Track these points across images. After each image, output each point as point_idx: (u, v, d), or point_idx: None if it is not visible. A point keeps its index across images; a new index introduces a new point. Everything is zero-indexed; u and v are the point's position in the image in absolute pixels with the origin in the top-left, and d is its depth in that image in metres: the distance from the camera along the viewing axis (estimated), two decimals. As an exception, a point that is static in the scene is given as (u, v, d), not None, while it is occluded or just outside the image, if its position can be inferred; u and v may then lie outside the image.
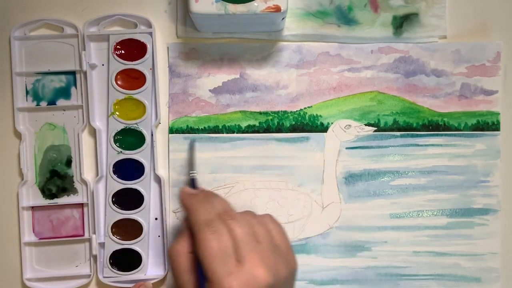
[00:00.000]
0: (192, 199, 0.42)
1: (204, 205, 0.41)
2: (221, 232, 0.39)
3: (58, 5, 0.50)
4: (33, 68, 0.49)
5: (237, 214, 0.41)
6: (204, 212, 0.40)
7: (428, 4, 0.50)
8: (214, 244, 0.38)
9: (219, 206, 0.41)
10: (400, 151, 0.50)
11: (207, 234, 0.38)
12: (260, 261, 0.38)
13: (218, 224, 0.39)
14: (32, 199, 0.50)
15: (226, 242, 0.38)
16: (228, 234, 0.39)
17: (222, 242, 0.38)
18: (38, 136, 0.50)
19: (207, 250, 0.38)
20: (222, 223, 0.39)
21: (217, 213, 0.40)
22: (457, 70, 0.50)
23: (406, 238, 0.50)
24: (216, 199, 0.42)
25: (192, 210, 0.41)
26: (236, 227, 0.39)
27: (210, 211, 0.40)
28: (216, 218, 0.40)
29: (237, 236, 0.39)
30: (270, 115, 0.50)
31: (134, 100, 0.49)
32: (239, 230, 0.39)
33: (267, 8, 0.43)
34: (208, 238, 0.38)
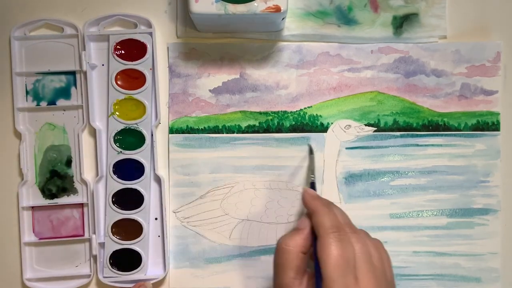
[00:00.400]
0: (317, 201, 0.42)
1: (330, 210, 0.41)
2: (346, 242, 0.39)
3: (58, 5, 0.50)
4: (33, 68, 0.49)
5: (357, 229, 0.41)
6: (332, 217, 0.40)
7: (428, 4, 0.50)
8: (339, 253, 0.38)
9: (341, 217, 0.41)
10: (400, 151, 0.50)
11: (334, 240, 0.38)
12: (375, 285, 0.38)
13: (344, 233, 0.39)
14: (32, 199, 0.50)
15: (349, 254, 0.38)
16: (352, 246, 0.39)
17: (346, 253, 0.38)
18: (38, 136, 0.50)
19: (331, 257, 0.38)
20: (347, 233, 0.40)
21: (341, 222, 0.41)
22: (457, 70, 0.50)
23: (406, 238, 0.50)
24: (337, 209, 0.42)
25: (318, 212, 0.41)
26: (357, 242, 0.39)
27: (336, 218, 0.41)
28: (343, 227, 0.40)
29: (358, 251, 0.39)
30: (270, 115, 0.50)
31: (134, 100, 0.49)
32: (360, 246, 0.39)
33: (267, 8, 0.43)
34: (334, 244, 0.38)
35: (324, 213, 0.41)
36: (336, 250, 0.38)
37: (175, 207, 0.50)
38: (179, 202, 0.50)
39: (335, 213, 0.41)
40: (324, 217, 0.40)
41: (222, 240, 0.50)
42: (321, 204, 0.42)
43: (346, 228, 0.40)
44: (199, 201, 0.50)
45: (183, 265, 0.50)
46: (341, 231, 0.39)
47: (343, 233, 0.39)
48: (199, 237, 0.50)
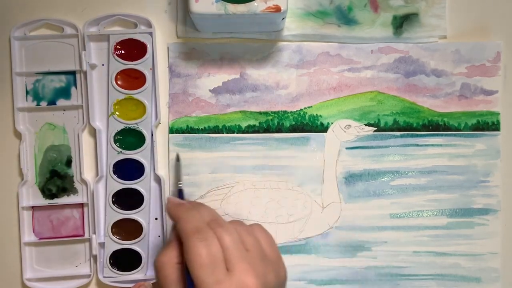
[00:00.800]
0: (179, 208, 0.41)
1: (192, 213, 0.40)
2: (210, 240, 0.38)
3: (58, 5, 0.50)
4: (33, 68, 0.49)
5: (226, 222, 0.41)
6: (192, 220, 0.40)
7: (428, 4, 0.50)
8: (203, 252, 0.37)
9: (207, 214, 0.41)
10: (400, 151, 0.50)
11: (196, 242, 0.38)
12: (249, 270, 0.38)
13: (207, 232, 0.39)
14: (32, 199, 0.50)
15: (215, 250, 0.38)
16: (217, 242, 0.38)
17: (211, 250, 0.37)
18: (38, 136, 0.50)
19: (196, 258, 0.37)
20: (210, 230, 0.39)
21: (205, 221, 0.40)
22: (457, 70, 0.50)
23: (406, 238, 0.50)
24: (203, 208, 0.42)
25: (180, 218, 0.40)
26: (224, 235, 0.38)
27: (198, 219, 0.40)
28: (204, 226, 0.39)
29: (225, 244, 0.38)
30: (270, 115, 0.50)
31: (134, 100, 0.49)
32: (227, 238, 0.38)
33: (267, 8, 0.43)
34: (197, 245, 0.37)
35: (184, 218, 0.40)
36: (198, 250, 0.37)
37: (175, 207, 0.50)
38: (179, 202, 0.50)
39: (196, 215, 0.40)
40: (184, 222, 0.39)
41: (222, 240, 0.49)
42: (183, 210, 0.41)
43: (213, 224, 0.39)
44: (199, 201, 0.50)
45: (183, 265, 0.49)
46: (201, 231, 0.38)
47: (204, 232, 0.38)
48: (199, 237, 0.49)
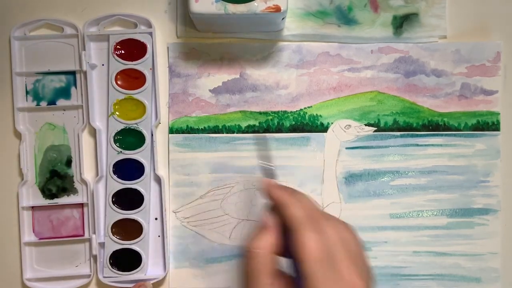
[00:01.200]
0: (284, 192, 0.38)
1: (300, 199, 0.37)
2: (322, 233, 0.35)
3: (58, 5, 0.50)
4: (33, 68, 0.49)
5: (329, 215, 0.38)
6: (304, 207, 0.36)
7: (428, 4, 0.50)
8: (318, 246, 0.34)
9: (311, 204, 0.38)
10: (400, 151, 0.50)
11: (311, 233, 0.35)
12: (356, 271, 0.35)
13: (320, 222, 0.36)
14: (32, 199, 0.50)
15: (327, 245, 0.35)
16: (327, 236, 0.35)
17: (324, 245, 0.35)
18: (38, 136, 0.50)
19: (311, 252, 0.34)
20: (321, 223, 0.36)
21: (313, 210, 0.37)
22: (457, 70, 0.50)
23: (406, 238, 0.50)
24: (304, 196, 0.38)
25: (289, 203, 0.37)
26: (330, 230, 0.36)
27: (310, 207, 0.37)
28: (316, 216, 0.36)
29: (332, 240, 0.35)
30: (270, 115, 0.50)
31: (134, 100, 0.49)
32: (333, 233, 0.35)
33: (267, 8, 0.43)
34: (312, 237, 0.34)
35: (294, 204, 0.37)
36: (314, 243, 0.34)
37: (175, 207, 0.50)
38: (179, 202, 0.50)
39: (306, 202, 0.37)
40: (296, 208, 0.36)
41: (222, 240, 0.50)
42: (288, 194, 0.38)
43: (319, 216, 0.36)
44: (199, 201, 0.50)
45: (183, 265, 0.50)
46: (315, 221, 0.35)
47: (318, 222, 0.36)
48: (199, 237, 0.50)
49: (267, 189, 0.39)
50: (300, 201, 0.37)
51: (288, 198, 0.37)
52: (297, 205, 0.37)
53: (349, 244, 0.36)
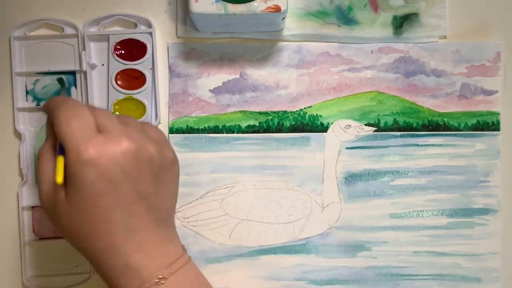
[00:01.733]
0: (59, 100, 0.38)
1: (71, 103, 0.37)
2: (82, 112, 0.36)
3: (58, 5, 0.50)
4: (33, 68, 0.49)
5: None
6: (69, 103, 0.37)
7: (428, 4, 0.50)
8: (74, 121, 0.35)
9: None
10: (400, 151, 0.50)
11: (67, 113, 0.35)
12: (124, 134, 0.36)
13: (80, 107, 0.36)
14: (32, 199, 0.50)
15: (87, 120, 0.35)
16: (90, 113, 0.36)
17: (82, 119, 0.35)
18: (38, 136, 0.50)
19: (66, 122, 0.35)
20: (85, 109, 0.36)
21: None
22: (457, 70, 0.50)
23: (406, 238, 0.50)
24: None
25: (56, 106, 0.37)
26: (101, 115, 0.37)
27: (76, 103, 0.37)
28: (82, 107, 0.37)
29: (101, 117, 0.36)
30: (270, 115, 0.50)
31: (134, 100, 0.49)
32: (104, 115, 0.37)
33: (267, 8, 0.43)
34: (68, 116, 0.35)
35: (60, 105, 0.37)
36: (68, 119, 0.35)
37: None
38: (179, 202, 0.50)
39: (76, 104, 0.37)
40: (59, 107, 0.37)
41: (222, 240, 0.50)
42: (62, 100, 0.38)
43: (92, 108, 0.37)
44: (199, 201, 0.50)
45: (183, 265, 0.49)
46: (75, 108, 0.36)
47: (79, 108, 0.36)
48: (199, 237, 0.50)
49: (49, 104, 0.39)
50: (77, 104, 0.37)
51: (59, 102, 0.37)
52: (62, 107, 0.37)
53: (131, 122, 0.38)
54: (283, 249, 0.50)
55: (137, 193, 0.36)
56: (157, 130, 0.41)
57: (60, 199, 0.36)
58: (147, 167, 0.37)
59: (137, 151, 0.36)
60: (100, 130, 0.36)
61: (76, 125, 0.35)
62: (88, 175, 0.35)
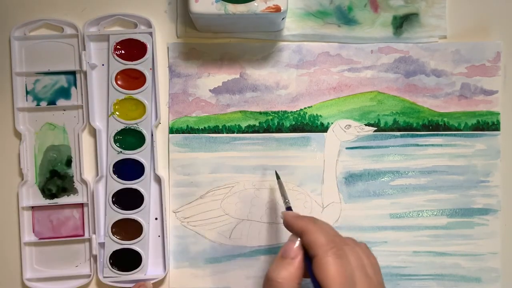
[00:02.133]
0: (303, 220, 0.39)
1: (320, 225, 0.38)
2: (344, 258, 0.36)
3: (58, 5, 0.50)
4: (33, 68, 0.49)
5: (346, 239, 0.39)
6: (324, 233, 0.37)
7: (428, 4, 0.50)
8: (341, 270, 0.35)
9: (331, 230, 0.39)
10: (400, 151, 0.50)
11: (333, 258, 0.36)
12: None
13: (340, 248, 0.36)
14: (32, 199, 0.50)
15: (348, 270, 0.36)
16: (348, 260, 0.36)
17: (346, 270, 0.36)
18: (38, 136, 0.50)
19: (334, 277, 0.35)
20: (342, 248, 0.37)
21: (334, 236, 0.38)
22: (457, 70, 0.50)
23: (406, 238, 0.50)
24: (324, 223, 0.39)
25: (310, 230, 0.37)
26: (351, 255, 0.37)
27: (329, 231, 0.38)
28: (337, 241, 0.37)
29: (352, 264, 0.36)
30: (270, 115, 0.50)
31: (134, 100, 0.49)
32: (353, 258, 0.37)
33: (267, 8, 0.43)
34: (334, 262, 0.35)
35: (316, 230, 0.37)
36: (336, 268, 0.35)
37: (175, 207, 0.50)
38: (179, 202, 0.50)
39: (325, 227, 0.38)
40: (318, 234, 0.37)
41: (222, 240, 0.50)
42: (308, 221, 0.38)
43: (341, 241, 0.37)
44: (199, 201, 0.50)
45: (183, 265, 0.50)
46: (337, 246, 0.36)
47: (339, 247, 0.37)
48: (199, 237, 0.50)
49: (288, 220, 0.40)
50: (321, 227, 0.38)
51: (310, 225, 0.38)
52: (318, 231, 0.37)
53: (369, 269, 0.37)
54: (283, 249, 0.49)
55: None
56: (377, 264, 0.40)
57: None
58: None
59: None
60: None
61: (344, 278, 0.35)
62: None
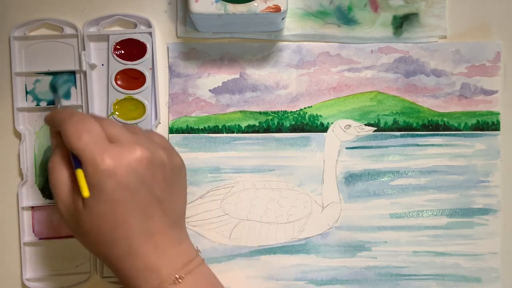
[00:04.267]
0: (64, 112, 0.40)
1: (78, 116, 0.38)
2: (92, 125, 0.37)
3: (58, 5, 0.50)
4: (33, 68, 0.49)
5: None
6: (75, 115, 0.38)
7: (428, 4, 0.50)
8: (86, 135, 0.36)
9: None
10: (400, 151, 0.50)
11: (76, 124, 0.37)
12: (135, 142, 0.37)
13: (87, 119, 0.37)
14: (32, 199, 0.50)
15: (97, 131, 0.37)
16: (98, 125, 0.37)
17: (93, 131, 0.37)
18: (38, 136, 0.50)
19: (78, 135, 0.36)
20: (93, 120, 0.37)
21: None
22: (457, 70, 0.50)
23: (406, 238, 0.50)
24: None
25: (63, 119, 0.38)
26: (109, 125, 0.38)
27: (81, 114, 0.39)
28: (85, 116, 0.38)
29: (108, 127, 0.38)
30: (270, 115, 0.50)
31: (134, 100, 0.49)
32: (111, 125, 0.38)
33: (267, 8, 0.43)
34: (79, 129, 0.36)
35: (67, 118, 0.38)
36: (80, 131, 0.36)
37: (175, 207, 0.50)
38: (179, 202, 0.50)
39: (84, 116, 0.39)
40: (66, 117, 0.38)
41: (222, 240, 0.50)
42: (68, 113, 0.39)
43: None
44: (199, 201, 0.50)
45: (183, 265, 0.49)
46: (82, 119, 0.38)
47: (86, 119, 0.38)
48: (199, 237, 0.50)
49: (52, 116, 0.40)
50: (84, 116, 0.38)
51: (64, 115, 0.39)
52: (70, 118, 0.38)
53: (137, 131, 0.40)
54: (283, 249, 0.50)
55: (152, 197, 0.38)
56: (162, 137, 0.42)
57: (79, 207, 0.37)
58: (160, 172, 0.38)
59: (151, 157, 0.37)
60: (111, 140, 0.37)
61: (88, 138, 0.36)
62: (107, 184, 0.36)
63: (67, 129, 0.37)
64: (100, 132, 0.37)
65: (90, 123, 0.37)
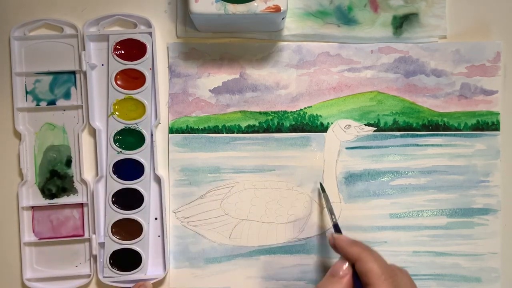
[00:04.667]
0: (357, 247, 0.41)
1: (374, 254, 0.40)
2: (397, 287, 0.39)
3: (58, 5, 0.50)
4: (33, 68, 0.49)
5: (393, 267, 0.41)
6: (379, 263, 0.39)
7: (428, 4, 0.50)
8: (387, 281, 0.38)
9: (381, 258, 0.40)
10: (400, 151, 0.50)
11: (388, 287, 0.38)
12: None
13: (395, 278, 0.39)
14: (32, 199, 0.50)
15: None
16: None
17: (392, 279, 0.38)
18: (38, 136, 0.50)
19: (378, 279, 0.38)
20: (396, 278, 0.39)
21: (385, 264, 0.40)
22: (457, 70, 0.50)
23: (406, 238, 0.50)
24: (372, 249, 0.41)
25: (365, 258, 0.39)
26: (403, 285, 0.39)
27: (380, 261, 0.40)
28: (391, 272, 0.39)
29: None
30: (270, 115, 0.50)
31: (134, 100, 0.49)
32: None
33: (267, 8, 0.43)
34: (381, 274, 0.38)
35: (371, 259, 0.39)
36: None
37: (175, 207, 0.50)
38: (179, 202, 0.50)
39: (379, 257, 0.40)
40: (372, 263, 0.39)
41: (222, 240, 0.50)
42: (362, 249, 0.40)
43: (391, 271, 0.39)
44: (199, 201, 0.50)
45: (183, 265, 0.50)
46: (392, 277, 0.39)
47: (394, 278, 0.39)
48: (199, 237, 0.50)
49: (339, 244, 0.42)
50: (374, 256, 0.40)
51: (364, 254, 0.40)
52: (372, 260, 0.39)
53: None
54: (283, 249, 0.50)
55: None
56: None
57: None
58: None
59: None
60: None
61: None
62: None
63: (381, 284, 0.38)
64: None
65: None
